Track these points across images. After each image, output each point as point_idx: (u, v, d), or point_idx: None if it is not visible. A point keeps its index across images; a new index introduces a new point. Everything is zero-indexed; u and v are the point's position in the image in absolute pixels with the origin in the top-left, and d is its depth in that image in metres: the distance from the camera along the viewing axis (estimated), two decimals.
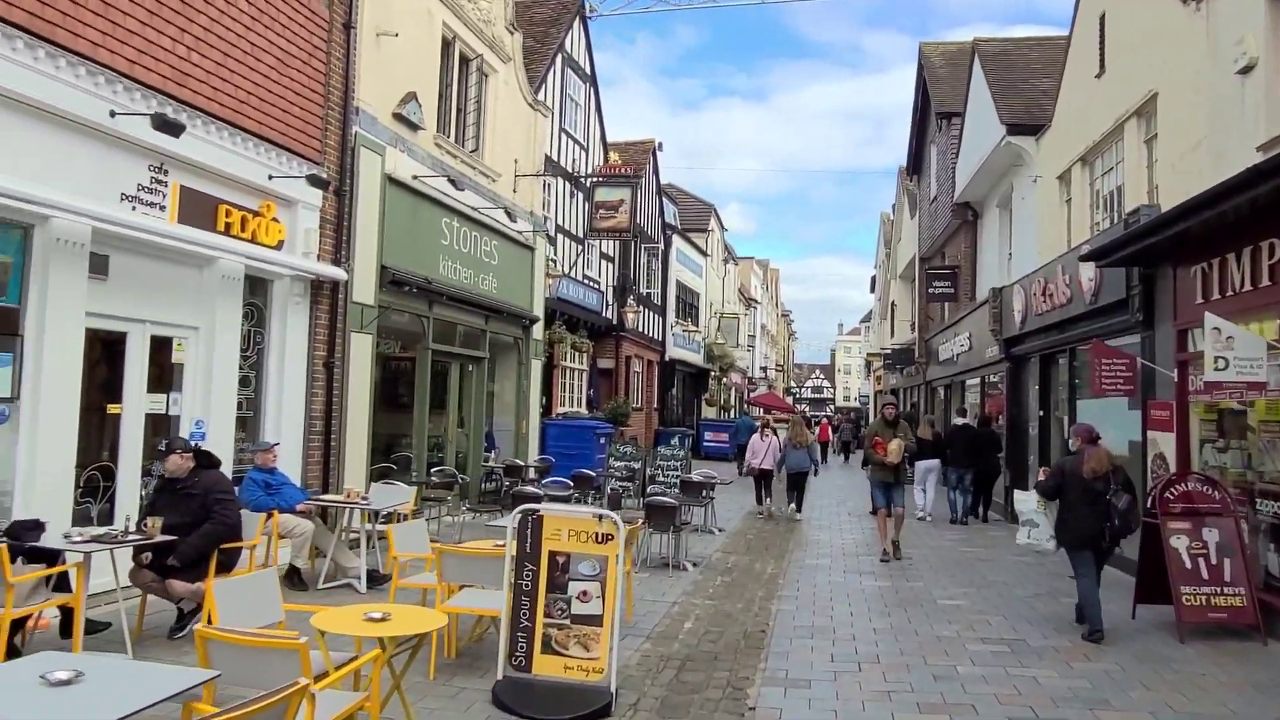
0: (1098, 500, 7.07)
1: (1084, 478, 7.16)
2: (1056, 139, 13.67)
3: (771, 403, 42.87)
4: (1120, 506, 7.00)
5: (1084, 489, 7.15)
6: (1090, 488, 7.12)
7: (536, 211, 15.65)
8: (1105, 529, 7.05)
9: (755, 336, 51.01)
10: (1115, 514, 7.00)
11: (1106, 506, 7.03)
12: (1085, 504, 7.14)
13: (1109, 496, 7.03)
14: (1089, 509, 7.10)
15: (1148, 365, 9.23)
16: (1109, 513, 7.04)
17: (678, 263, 28.59)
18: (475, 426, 13.72)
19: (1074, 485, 7.23)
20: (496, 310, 13.75)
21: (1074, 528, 7.23)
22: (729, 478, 21.86)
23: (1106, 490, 7.05)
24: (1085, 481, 7.14)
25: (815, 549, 11.86)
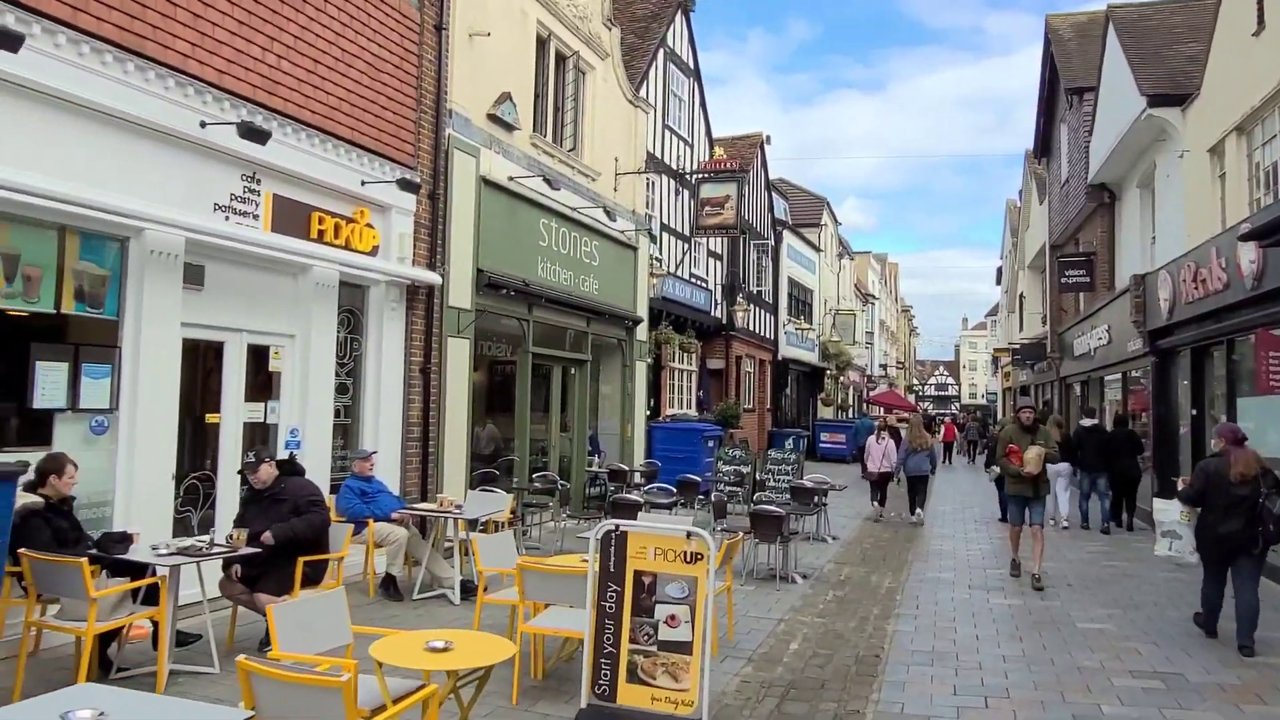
0: (1244, 506, 6.65)
1: (1230, 482, 6.73)
2: (1206, 108, 12.33)
3: (892, 401, 41.30)
4: (1275, 511, 6.56)
5: (1229, 494, 6.73)
6: (1236, 493, 6.70)
7: (639, 210, 15.32)
8: (1258, 535, 6.60)
9: (873, 333, 49.36)
10: (1269, 519, 6.56)
11: (1255, 512, 6.61)
12: (1230, 511, 6.71)
13: (1262, 500, 6.61)
14: (1235, 516, 6.68)
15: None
16: (1259, 518, 6.60)
17: (789, 259, 27.78)
18: (579, 431, 13.49)
19: (1219, 491, 6.81)
20: (598, 312, 13.47)
21: (1216, 535, 6.82)
22: (845, 481, 21.00)
23: (1255, 495, 6.63)
24: (1231, 486, 6.72)
25: (937, 560, 11.03)
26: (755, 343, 24.12)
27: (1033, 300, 28.11)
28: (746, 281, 23.38)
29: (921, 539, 12.83)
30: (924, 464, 14.66)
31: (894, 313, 65.78)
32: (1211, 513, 6.87)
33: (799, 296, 29.39)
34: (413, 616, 7.45)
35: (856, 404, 43.37)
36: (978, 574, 10.12)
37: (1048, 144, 23.18)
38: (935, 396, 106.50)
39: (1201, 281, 10.98)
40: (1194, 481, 7.13)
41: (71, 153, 6.21)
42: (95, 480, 6.51)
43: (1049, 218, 23.24)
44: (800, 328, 27.11)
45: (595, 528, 5.17)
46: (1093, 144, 17.74)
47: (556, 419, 12.94)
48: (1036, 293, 27.61)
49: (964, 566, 10.60)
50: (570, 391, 13.53)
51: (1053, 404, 24.71)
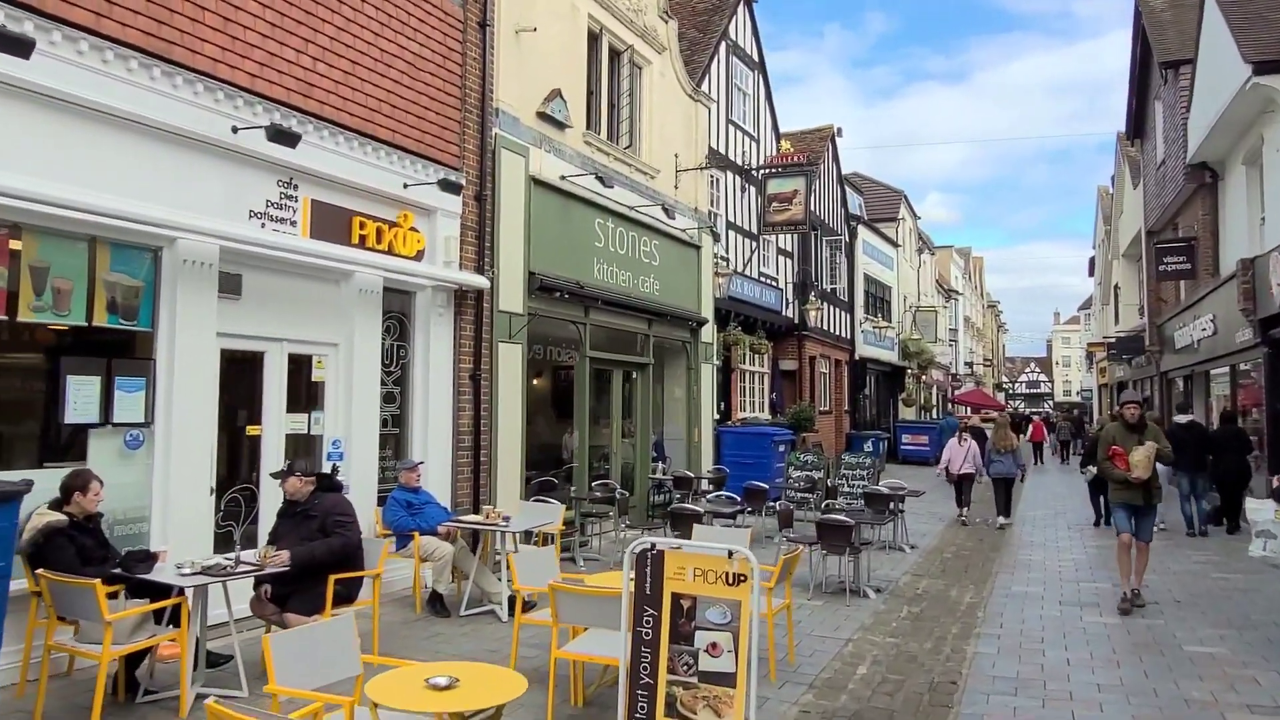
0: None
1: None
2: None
3: (978, 400, 39.72)
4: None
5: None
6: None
7: (701, 208, 14.84)
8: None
9: (957, 330, 47.64)
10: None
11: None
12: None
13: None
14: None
15: None
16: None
17: (865, 255, 26.85)
18: (642, 436, 13.07)
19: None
20: (659, 313, 13.04)
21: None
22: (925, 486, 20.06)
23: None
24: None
25: (1025, 572, 10.23)
26: (830, 342, 23.32)
27: (1129, 291, 26.53)
28: (819, 279, 22.62)
29: (1008, 547, 11.99)
30: (1011, 467, 14.06)
31: (980, 308, 63.51)
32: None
33: (876, 294, 28.40)
34: (458, 634, 7.14)
35: (940, 404, 41.86)
36: (1070, 588, 9.30)
37: (1141, 124, 21.78)
38: (1027, 394, 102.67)
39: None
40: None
41: (100, 162, 6.09)
42: (131, 496, 6.39)
43: (1144, 202, 21.82)
44: (878, 326, 26.15)
45: (632, 544, 4.73)
46: (1191, 120, 16.49)
47: (618, 425, 12.54)
48: (1132, 283, 26.04)
49: (1054, 579, 9.78)
50: (632, 396, 13.13)
51: (1152, 400, 23.20)
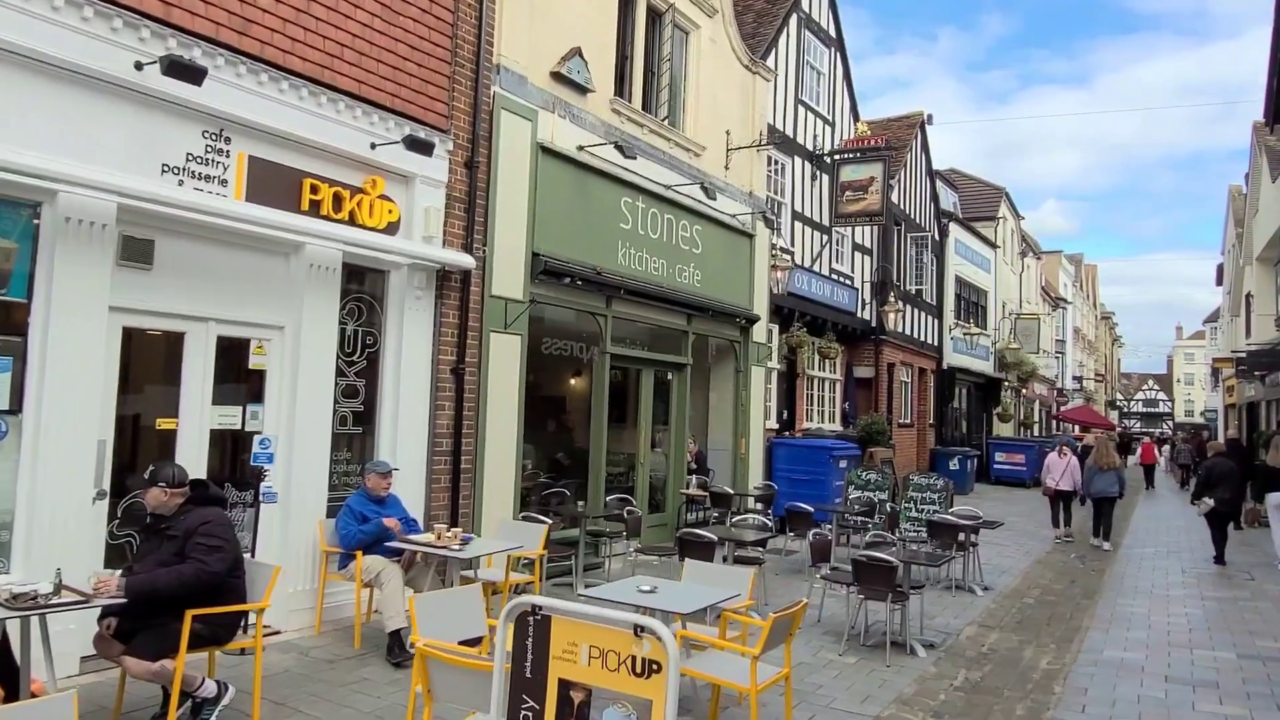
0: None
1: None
2: None
3: (1085, 418, 36.64)
4: None
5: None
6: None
7: (757, 192, 13.26)
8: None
9: (1065, 342, 44.25)
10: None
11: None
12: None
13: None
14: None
15: None
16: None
17: (957, 255, 24.62)
18: (677, 446, 11.59)
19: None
20: (701, 308, 11.54)
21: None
22: (1017, 511, 17.93)
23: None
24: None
25: (1123, 629, 8.31)
26: (913, 349, 21.28)
27: (1264, 299, 23.50)
28: (902, 279, 20.63)
29: (1105, 593, 10.01)
30: (1112, 485, 13.46)
31: (1092, 319, 59.33)
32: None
33: (970, 298, 26.07)
34: (386, 683, 5.83)
35: (1044, 420, 38.78)
36: (1180, 657, 7.38)
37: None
38: (1143, 413, 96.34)
39: None
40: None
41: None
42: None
43: None
44: (969, 333, 23.87)
45: (509, 604, 3.32)
46: None
47: (646, 432, 11.09)
48: (1269, 289, 23.04)
49: (1161, 642, 7.85)
50: (666, 400, 11.66)
51: None
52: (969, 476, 22.24)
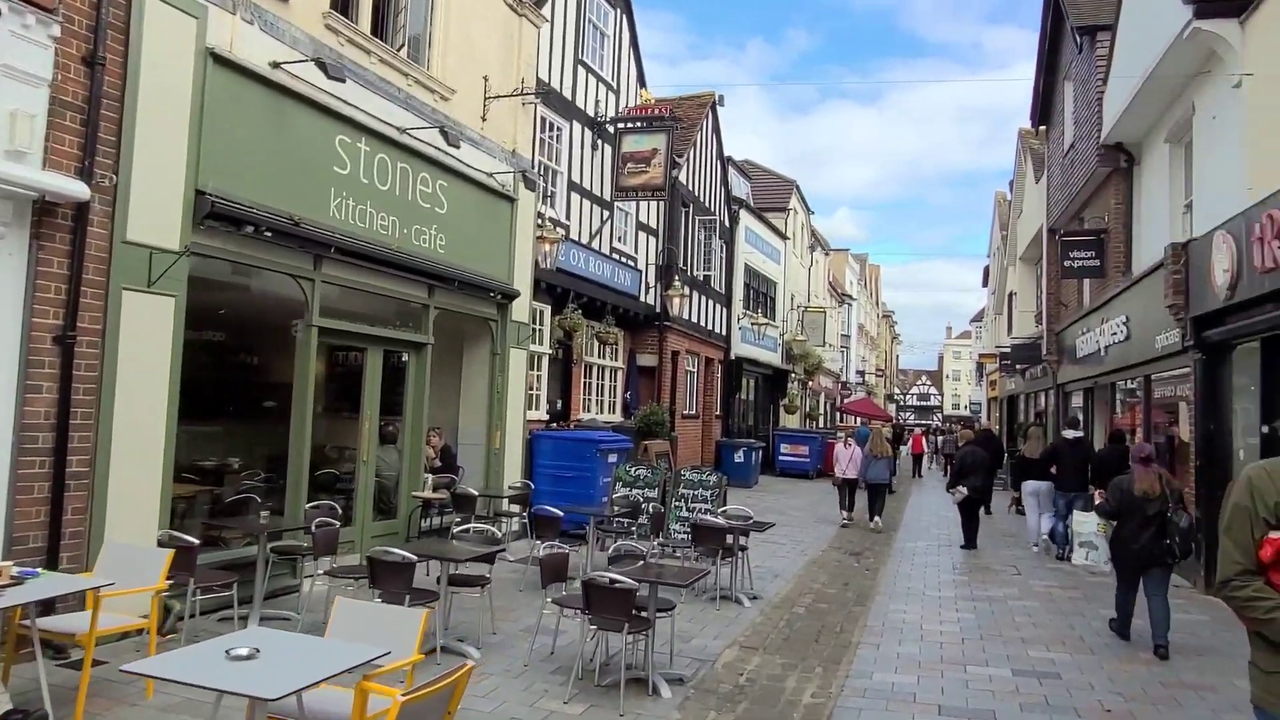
0: (1155, 521, 7.11)
1: (1140, 499, 7.16)
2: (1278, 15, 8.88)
3: (866, 410, 37.86)
4: (1181, 526, 7.00)
5: (1142, 511, 7.16)
6: (1147, 510, 7.13)
7: (522, 152, 11.68)
8: (1166, 547, 7.05)
9: (850, 337, 45.94)
10: (1176, 533, 7.00)
11: (1164, 526, 7.07)
12: (1143, 525, 7.17)
13: (1170, 516, 7.05)
14: (1147, 530, 7.14)
15: None
16: (1167, 532, 7.04)
17: (747, 243, 24.19)
18: (413, 440, 9.80)
19: (1132, 507, 7.23)
20: (444, 278, 9.81)
21: (1130, 548, 7.27)
22: (802, 504, 17.50)
23: (1164, 510, 7.09)
24: (1143, 503, 7.16)
25: (894, 642, 7.43)
26: (699, 337, 20.49)
27: (1025, 297, 24.69)
28: (689, 264, 19.75)
29: (878, 597, 9.24)
30: (884, 473, 15.07)
31: (874, 317, 62.48)
32: (1126, 527, 7.28)
33: (759, 288, 25.81)
34: None
35: (829, 412, 39.88)
36: (954, 677, 6.49)
37: (1048, 109, 19.73)
38: (917, 407, 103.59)
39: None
40: (1110, 497, 7.52)
41: None
42: None
43: (1047, 196, 19.79)
44: (758, 323, 23.50)
45: None
46: (1108, 94, 14.28)
47: (373, 424, 9.23)
48: (1030, 288, 24.20)
49: (934, 658, 6.98)
50: (401, 386, 9.86)
51: (1046, 415, 21.26)
52: (754, 469, 21.81)
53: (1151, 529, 7.10)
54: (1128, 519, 7.27)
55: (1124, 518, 7.31)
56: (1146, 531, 7.11)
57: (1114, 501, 7.42)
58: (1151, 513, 7.11)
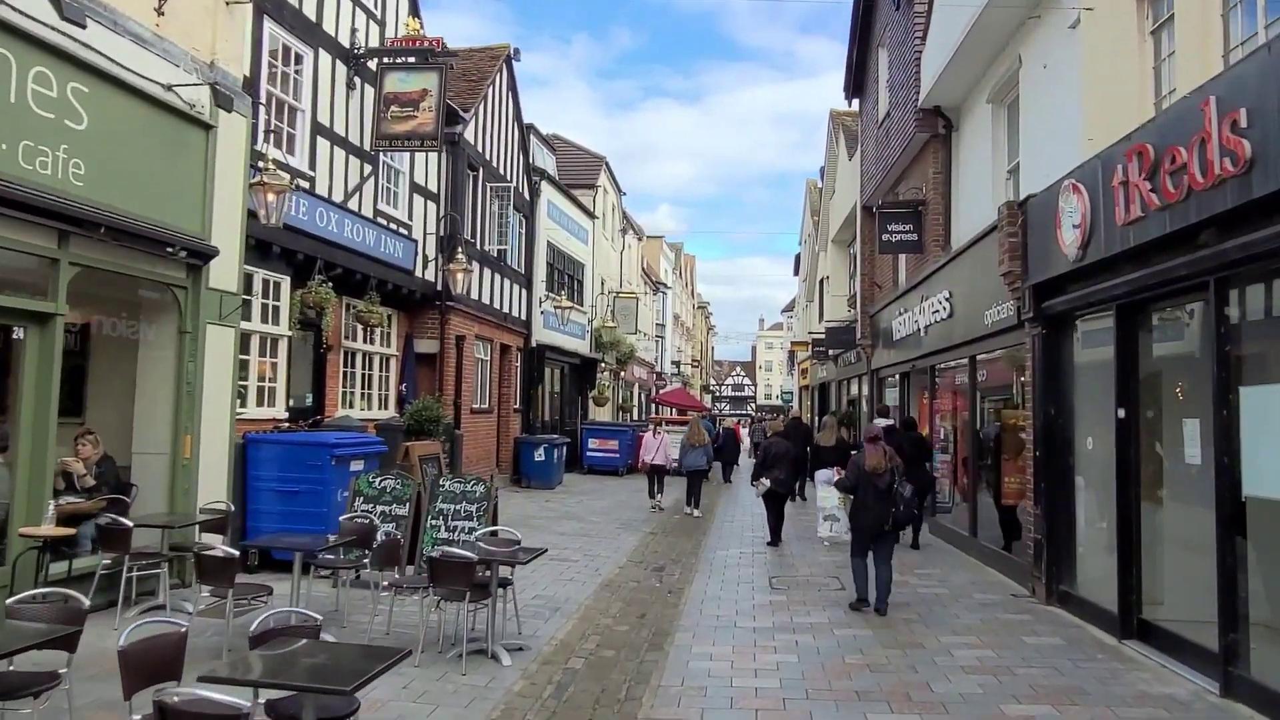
0: (885, 494, 8.05)
1: (872, 473, 8.07)
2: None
3: (682, 401, 36.68)
4: (905, 495, 8.10)
5: (874, 485, 8.07)
6: (878, 484, 8.06)
7: (227, 67, 8.87)
8: (890, 515, 8.04)
9: (665, 326, 44.80)
10: (900, 501, 8.04)
11: (893, 497, 8.03)
12: (873, 497, 8.09)
13: (895, 487, 8.05)
14: (877, 501, 8.07)
15: None
16: (894, 500, 8.03)
17: (550, 219, 21.97)
18: (33, 451, 6.86)
19: (866, 482, 8.12)
20: (84, 221, 6.93)
21: (862, 517, 8.20)
22: (604, 505, 15.56)
23: (891, 483, 8.06)
24: (872, 476, 8.07)
25: (698, 708, 5.43)
26: (492, 321, 18.07)
27: (837, 281, 23.96)
28: (478, 237, 17.29)
29: (680, 634, 7.26)
30: (700, 460, 15.52)
31: (690, 307, 62.06)
32: (862, 499, 8.18)
33: (564, 269, 23.67)
34: None
35: (643, 404, 38.45)
36: None
37: (861, 80, 18.74)
38: (732, 397, 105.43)
39: (1171, 178, 6.00)
40: (848, 474, 8.49)
41: None
42: None
43: (861, 171, 18.81)
44: (561, 307, 21.36)
45: None
46: (926, 53, 13.15)
47: None
48: (843, 271, 23.46)
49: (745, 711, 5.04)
50: (8, 374, 6.92)
51: (860, 401, 20.43)
52: (557, 467, 19.69)
53: (883, 500, 8.04)
54: (863, 493, 8.16)
55: (860, 491, 8.21)
56: (879, 503, 8.04)
57: (851, 477, 8.35)
58: (882, 486, 8.04)
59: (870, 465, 8.10)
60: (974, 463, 11.61)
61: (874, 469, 8.08)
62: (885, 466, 8.10)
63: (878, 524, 8.04)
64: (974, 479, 11.57)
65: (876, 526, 8.06)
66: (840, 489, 9.01)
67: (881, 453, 8.19)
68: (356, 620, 7.38)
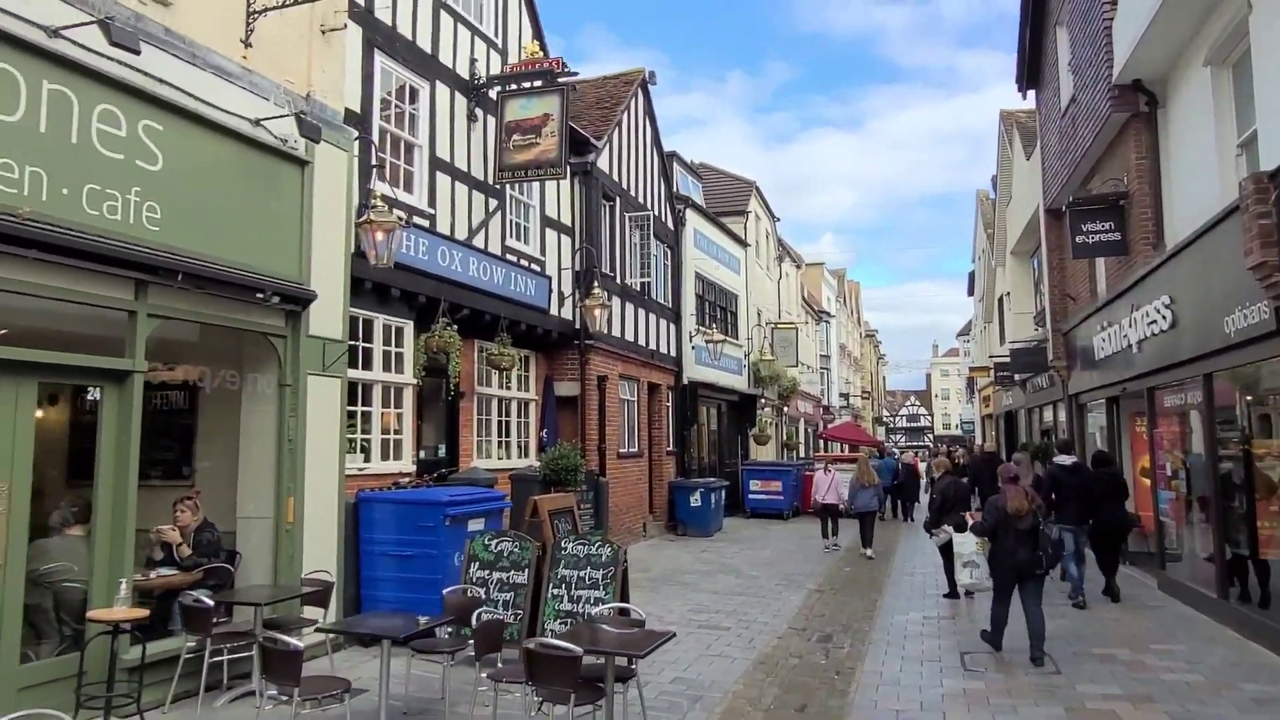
0: (1028, 536, 7.58)
1: (1012, 516, 7.62)
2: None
3: (851, 435, 34.51)
4: (1052, 536, 7.76)
5: (1015, 527, 7.62)
6: (1019, 525, 7.60)
7: (324, 99, 8.31)
8: (1040, 559, 7.56)
9: (830, 357, 42.61)
10: (1047, 543, 7.61)
11: (1037, 539, 7.58)
12: (1015, 540, 7.63)
13: (1040, 528, 7.63)
14: (1022, 545, 7.60)
15: None
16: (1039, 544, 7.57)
17: (697, 249, 20.86)
18: (113, 520, 6.27)
19: (1007, 525, 7.68)
20: (161, 269, 6.37)
21: (1004, 562, 7.76)
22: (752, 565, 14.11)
23: (1036, 525, 7.62)
24: (1013, 519, 7.63)
25: None
26: (638, 359, 17.05)
27: (1020, 298, 21.45)
28: (618, 270, 16.38)
29: None
30: (871, 501, 15.00)
31: (856, 336, 59.28)
32: (1003, 543, 7.74)
33: (716, 301, 22.45)
34: None
35: (810, 440, 36.43)
36: None
37: (1036, 67, 16.60)
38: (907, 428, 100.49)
39: None
40: (986, 516, 8.02)
41: None
42: None
43: (1043, 169, 16.58)
44: (713, 340, 20.10)
45: None
46: (1118, 20, 11.12)
47: (16, 502, 5.73)
48: (1026, 286, 20.97)
49: None
50: (90, 437, 6.38)
51: (1055, 432, 17.90)
52: (715, 513, 18.33)
53: (1026, 543, 7.61)
54: (1004, 536, 7.74)
55: (999, 535, 7.80)
56: (1021, 546, 7.62)
57: (990, 519, 7.89)
58: (1024, 527, 7.63)
59: (1013, 507, 7.67)
60: (1217, 504, 9.36)
61: (1016, 511, 7.66)
62: (1028, 508, 7.72)
63: (1022, 568, 7.63)
64: (1219, 524, 9.32)
65: (1021, 571, 7.65)
66: (977, 533, 8.39)
67: (1023, 494, 7.85)
68: (461, 714, 6.33)
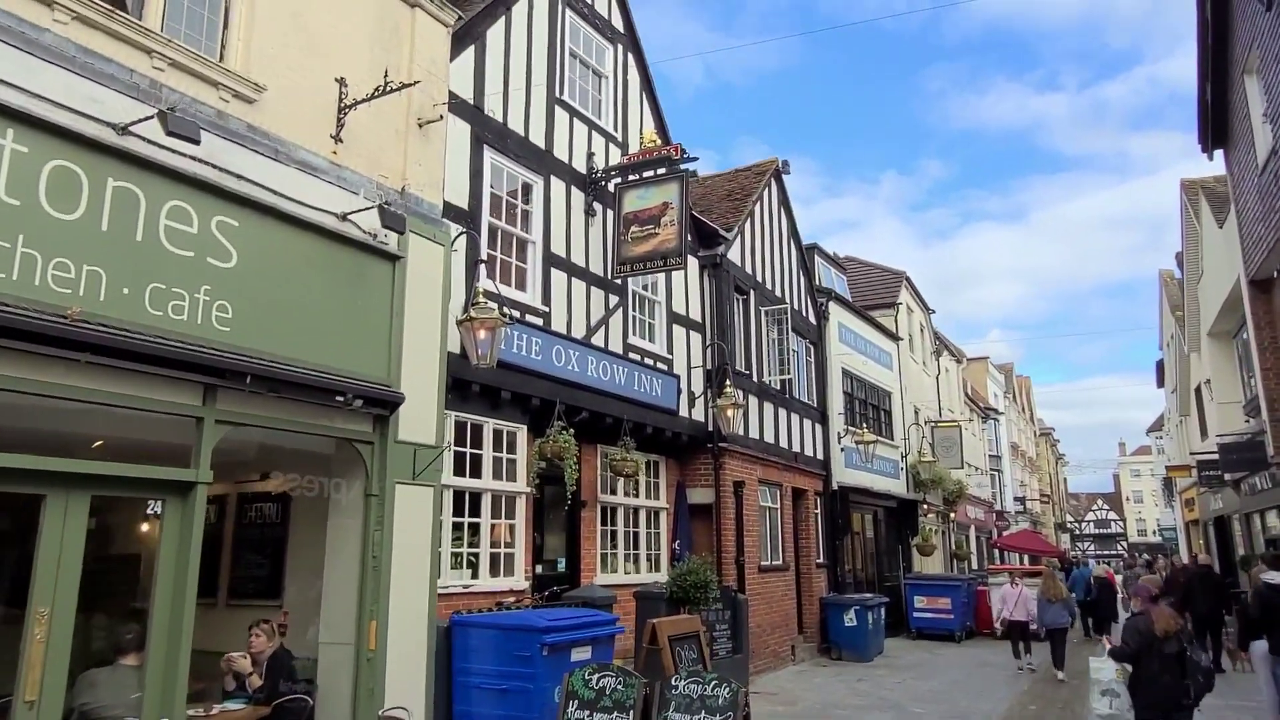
0: (1174, 661, 6.86)
1: (1158, 639, 6.92)
2: None
3: (1029, 545, 31.20)
4: (1202, 665, 6.93)
5: (1160, 651, 6.94)
6: (1165, 649, 6.91)
7: (421, 193, 7.94)
8: (1188, 687, 6.78)
9: (1001, 457, 39.32)
10: (1197, 671, 6.81)
11: (1184, 665, 6.83)
12: (1161, 666, 6.92)
13: (1188, 654, 6.87)
14: (1168, 670, 6.88)
15: None
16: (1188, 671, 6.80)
17: (843, 344, 19.54)
18: (167, 650, 5.65)
19: (1150, 648, 6.98)
20: (230, 372, 5.92)
21: (1150, 691, 6.99)
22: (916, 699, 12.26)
23: (1182, 649, 6.89)
24: (1160, 642, 6.95)
25: None
26: (779, 463, 15.72)
27: (1224, 385, 18.71)
28: (754, 367, 15.32)
29: None
30: (1061, 615, 14.16)
31: (1030, 434, 54.93)
32: (1146, 669, 7.02)
33: (867, 399, 20.86)
34: None
35: (983, 549, 33.22)
36: None
37: (1223, 124, 14.71)
38: (1096, 535, 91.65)
39: None
40: (1127, 640, 7.26)
41: None
42: None
43: (1241, 236, 14.47)
44: (863, 441, 18.48)
45: None
46: None
47: (57, 628, 5.20)
48: (1230, 370, 18.29)
49: None
50: (158, 555, 5.86)
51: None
52: (874, 632, 16.39)
53: (1172, 668, 6.92)
54: (1147, 661, 7.04)
55: (1142, 660, 7.08)
56: (1167, 673, 6.94)
57: (1133, 644, 7.14)
58: (1170, 652, 6.95)
59: (1161, 629, 6.99)
60: None
61: (1165, 633, 6.99)
62: (1175, 629, 7.04)
63: (1170, 699, 6.87)
64: None
65: (1169, 702, 6.90)
66: (1117, 658, 7.78)
67: (1171, 614, 7.20)
68: None
